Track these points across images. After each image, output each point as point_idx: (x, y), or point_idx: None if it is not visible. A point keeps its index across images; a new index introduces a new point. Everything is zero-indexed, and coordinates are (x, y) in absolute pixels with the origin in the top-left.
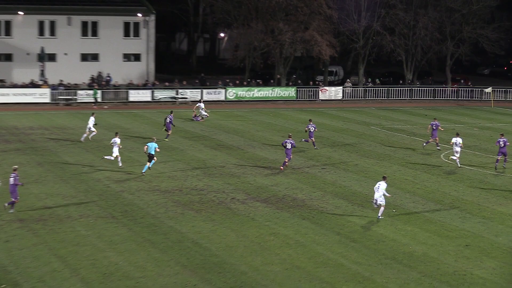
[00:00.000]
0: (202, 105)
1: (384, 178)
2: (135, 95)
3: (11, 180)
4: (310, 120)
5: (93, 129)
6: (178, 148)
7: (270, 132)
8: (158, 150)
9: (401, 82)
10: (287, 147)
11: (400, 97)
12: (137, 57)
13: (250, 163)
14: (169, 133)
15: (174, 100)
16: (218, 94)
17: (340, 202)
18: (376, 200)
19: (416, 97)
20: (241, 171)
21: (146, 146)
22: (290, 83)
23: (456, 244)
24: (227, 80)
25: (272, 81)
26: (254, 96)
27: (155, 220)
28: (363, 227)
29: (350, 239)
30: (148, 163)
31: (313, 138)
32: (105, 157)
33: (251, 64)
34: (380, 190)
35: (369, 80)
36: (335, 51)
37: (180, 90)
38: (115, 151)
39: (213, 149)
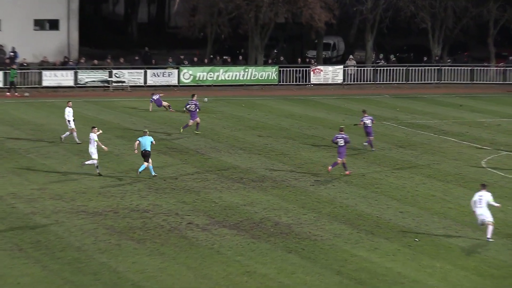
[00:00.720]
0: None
1: (483, 186)
2: (51, 78)
3: None
4: (364, 111)
5: (72, 124)
6: (112, 153)
7: (242, 129)
8: (154, 143)
9: (425, 59)
10: (340, 144)
11: (425, 80)
12: (53, 24)
13: (214, 174)
14: (197, 120)
15: (106, 85)
16: (168, 77)
17: (340, 228)
18: (482, 218)
19: (447, 80)
20: (201, 185)
21: (137, 142)
22: (270, 61)
23: (503, 286)
24: (181, 57)
25: (242, 58)
26: (219, 79)
27: (80, 254)
28: (373, 263)
29: (355, 281)
30: (145, 163)
31: (372, 137)
32: (86, 162)
33: (215, 34)
34: (484, 202)
35: (381, 56)
36: (333, 15)
37: (114, 71)
38: (94, 152)
39: (161, 154)
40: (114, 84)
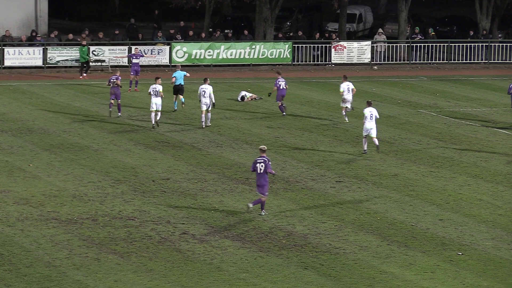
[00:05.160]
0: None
1: (369, 104)
2: (14, 57)
3: None
4: (278, 73)
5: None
6: (90, 147)
7: (248, 119)
8: (188, 75)
9: (471, 34)
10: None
11: (470, 60)
12: None
13: (213, 173)
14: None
15: (83, 65)
16: (158, 55)
17: (367, 239)
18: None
19: (497, 60)
20: (198, 187)
21: (173, 78)
22: (282, 35)
23: None
24: (172, 31)
25: (248, 32)
26: (220, 58)
27: (51, 271)
28: (407, 282)
29: None
30: (180, 96)
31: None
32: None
33: (215, 3)
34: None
35: (417, 30)
36: None
37: (92, 48)
38: (159, 103)
39: (149, 149)
40: (91, 63)
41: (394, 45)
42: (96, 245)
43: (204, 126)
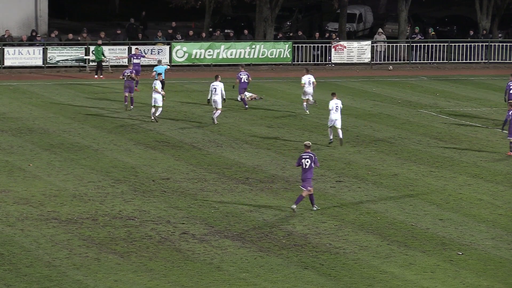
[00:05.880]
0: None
1: (334, 95)
2: (14, 57)
3: None
4: (242, 67)
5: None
6: (90, 147)
7: (248, 119)
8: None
9: (471, 33)
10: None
11: (471, 59)
12: None
13: (213, 173)
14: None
15: (82, 64)
16: (158, 54)
17: (367, 239)
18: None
19: (497, 59)
20: (198, 187)
21: (153, 72)
22: (282, 35)
23: None
24: (169, 31)
25: (248, 31)
26: (220, 57)
27: (51, 271)
28: (407, 282)
29: None
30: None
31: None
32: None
33: (215, 3)
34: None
35: (417, 30)
36: None
37: (92, 48)
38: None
39: (149, 149)
40: (91, 63)
41: (394, 44)
42: (96, 245)
43: (216, 122)
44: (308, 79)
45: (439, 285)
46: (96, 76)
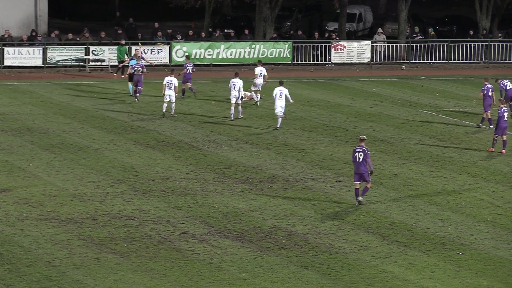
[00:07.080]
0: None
1: (281, 83)
2: (14, 57)
3: None
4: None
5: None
6: (90, 147)
7: (248, 119)
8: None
9: (471, 33)
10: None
11: (470, 59)
12: None
13: (213, 173)
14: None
15: (82, 64)
16: (157, 54)
17: (367, 238)
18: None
19: (497, 59)
20: (197, 187)
21: (130, 67)
22: (277, 35)
23: None
24: (169, 31)
25: (248, 31)
26: (220, 57)
27: (50, 271)
28: (407, 282)
29: None
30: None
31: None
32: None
33: (215, 3)
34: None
35: (417, 30)
36: None
37: (92, 48)
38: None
39: (149, 149)
40: (91, 63)
41: (394, 44)
42: (96, 244)
43: (233, 118)
44: (260, 71)
45: (439, 285)
46: (115, 75)
